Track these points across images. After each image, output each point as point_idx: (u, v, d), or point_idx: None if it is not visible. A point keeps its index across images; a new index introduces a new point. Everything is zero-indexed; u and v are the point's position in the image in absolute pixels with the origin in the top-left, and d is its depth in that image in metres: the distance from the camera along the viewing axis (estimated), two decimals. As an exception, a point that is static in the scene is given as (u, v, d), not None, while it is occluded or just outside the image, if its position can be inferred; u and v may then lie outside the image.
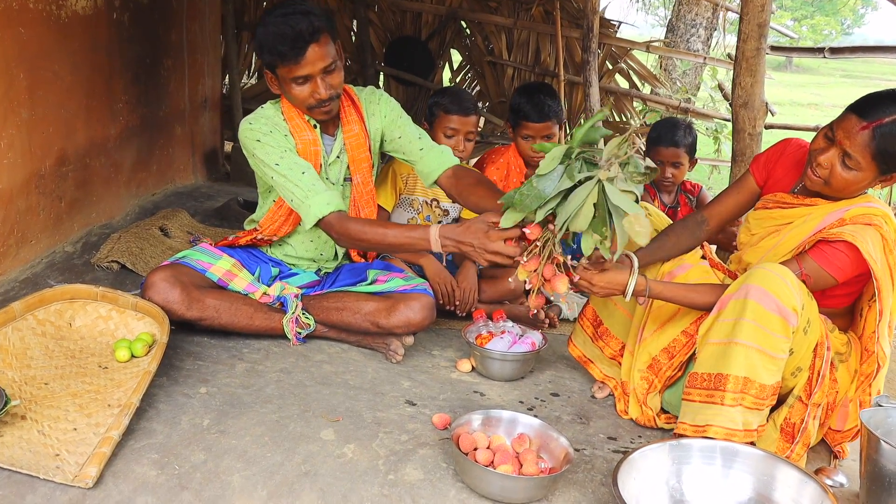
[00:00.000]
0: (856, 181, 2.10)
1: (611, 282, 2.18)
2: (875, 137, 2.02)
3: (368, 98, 2.65)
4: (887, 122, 2.01)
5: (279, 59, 2.35)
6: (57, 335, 2.34)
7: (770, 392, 2.05)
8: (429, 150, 2.60)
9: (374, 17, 6.65)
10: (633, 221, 1.84)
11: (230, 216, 4.06)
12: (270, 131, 2.44)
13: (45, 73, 3.00)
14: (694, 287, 2.25)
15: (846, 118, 2.08)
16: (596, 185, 1.86)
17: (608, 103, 6.17)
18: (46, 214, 3.10)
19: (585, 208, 1.86)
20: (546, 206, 1.92)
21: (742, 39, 3.10)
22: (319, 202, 2.34)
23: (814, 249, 2.15)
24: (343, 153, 2.61)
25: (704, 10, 8.83)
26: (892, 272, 2.12)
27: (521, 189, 1.93)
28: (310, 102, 2.42)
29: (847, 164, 2.08)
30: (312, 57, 2.34)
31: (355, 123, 2.60)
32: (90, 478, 1.69)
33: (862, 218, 2.11)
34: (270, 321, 2.55)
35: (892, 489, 1.82)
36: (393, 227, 2.35)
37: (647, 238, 1.86)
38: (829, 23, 31.33)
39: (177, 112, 4.47)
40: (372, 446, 2.01)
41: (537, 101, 3.22)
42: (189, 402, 2.13)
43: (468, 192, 2.49)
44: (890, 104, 2.02)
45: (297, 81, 2.38)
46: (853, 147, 2.05)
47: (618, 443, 2.23)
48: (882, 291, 2.10)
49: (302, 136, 2.50)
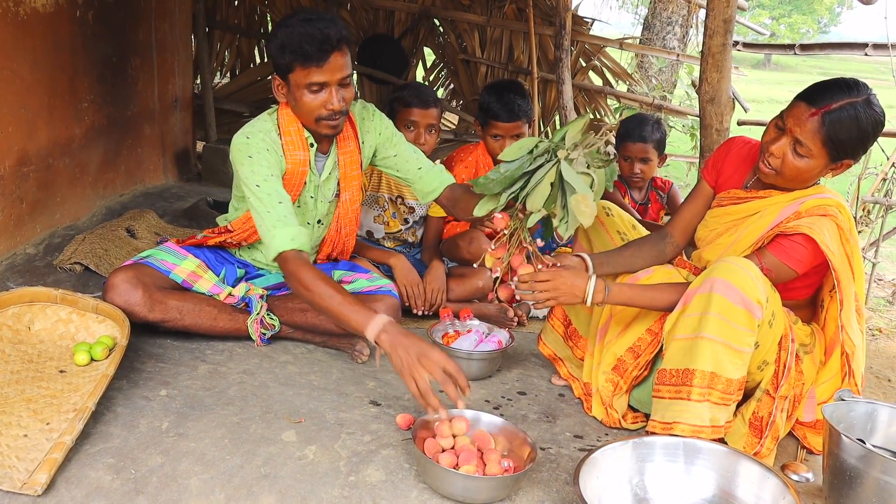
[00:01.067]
0: (808, 169, 2.11)
1: (571, 283, 2.18)
2: (824, 123, 2.04)
3: (361, 114, 2.61)
4: (835, 107, 2.03)
5: (301, 61, 2.27)
6: (14, 339, 2.30)
7: (736, 386, 2.05)
8: (428, 171, 2.59)
9: (346, 15, 6.61)
10: (580, 201, 1.88)
11: (199, 216, 4.01)
12: (267, 149, 2.37)
13: (4, 71, 2.94)
14: (656, 287, 2.25)
15: (796, 106, 2.10)
16: (554, 165, 1.90)
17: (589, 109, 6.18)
18: (6, 216, 3.05)
19: (542, 186, 1.90)
20: (510, 189, 1.96)
21: (708, 35, 3.10)
22: (284, 235, 2.26)
23: (772, 244, 2.16)
24: (335, 170, 2.57)
25: (680, 8, 8.87)
26: (851, 261, 2.14)
27: (488, 174, 2.00)
28: (320, 113, 2.34)
29: (798, 151, 2.09)
30: (335, 64, 2.28)
31: (350, 140, 2.56)
32: (40, 485, 1.65)
33: (817, 209, 2.13)
34: (235, 322, 2.52)
35: (853, 483, 1.82)
36: (342, 292, 2.15)
37: (590, 220, 1.90)
38: (806, 21, 31.67)
39: (146, 112, 4.41)
40: (334, 447, 1.99)
41: (507, 100, 3.18)
42: (148, 405, 2.09)
43: (460, 202, 2.52)
44: (837, 91, 2.05)
45: (311, 88, 2.31)
46: (803, 134, 2.07)
47: (584, 441, 2.22)
48: (841, 282, 2.12)
49: (294, 156, 2.43)
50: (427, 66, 6.95)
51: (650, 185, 3.70)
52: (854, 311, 2.18)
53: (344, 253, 2.76)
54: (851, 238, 2.14)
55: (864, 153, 2.15)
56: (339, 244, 2.72)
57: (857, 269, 2.18)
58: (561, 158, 1.89)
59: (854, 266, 2.16)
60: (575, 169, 1.89)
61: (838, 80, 2.09)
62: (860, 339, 2.19)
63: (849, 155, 2.10)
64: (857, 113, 2.03)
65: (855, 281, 2.17)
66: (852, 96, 2.04)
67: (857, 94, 2.04)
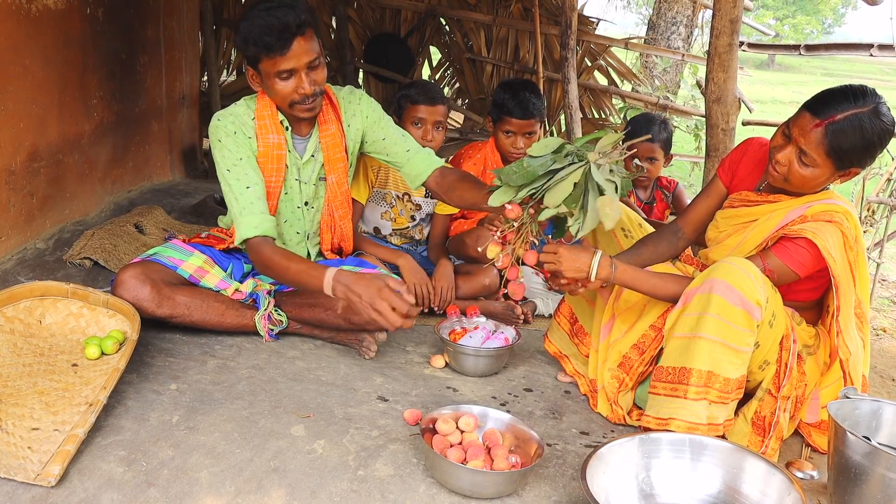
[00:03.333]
0: (813, 177, 2.13)
1: (575, 259, 2.17)
2: (828, 135, 2.04)
3: (347, 98, 2.63)
4: (839, 118, 2.03)
5: (265, 52, 2.32)
6: (26, 332, 2.32)
7: (735, 385, 2.06)
8: (416, 153, 2.60)
9: (353, 13, 6.63)
10: (607, 203, 1.90)
11: (206, 213, 4.03)
12: (234, 132, 2.43)
13: (15, 67, 2.97)
14: (661, 275, 2.26)
15: (801, 116, 2.10)
16: (583, 166, 1.92)
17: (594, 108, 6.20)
18: (17, 211, 3.07)
19: (564, 184, 1.92)
20: (531, 185, 1.98)
21: (715, 35, 3.11)
22: (248, 223, 2.38)
23: (776, 246, 2.17)
24: (318, 152, 2.60)
25: (685, 8, 8.87)
26: (852, 268, 2.15)
27: (512, 166, 2.01)
28: (293, 98, 2.40)
29: (804, 161, 2.10)
30: (298, 50, 2.32)
31: (332, 123, 2.58)
32: (53, 476, 1.67)
33: (823, 215, 2.14)
34: (242, 318, 2.54)
35: (857, 479, 1.83)
36: (297, 261, 2.34)
37: (613, 222, 1.92)
38: (810, 22, 31.60)
39: (154, 108, 4.43)
40: (342, 442, 2.00)
41: (522, 98, 3.24)
42: (158, 399, 2.11)
43: (453, 188, 2.52)
44: (842, 101, 2.04)
45: (281, 76, 2.36)
46: (808, 145, 2.07)
47: (590, 437, 2.23)
48: (840, 288, 2.13)
49: (266, 139, 2.48)
50: (433, 64, 6.97)
51: (655, 184, 3.72)
52: (852, 318, 2.18)
53: (345, 239, 2.77)
54: (856, 245, 2.15)
55: (871, 161, 2.13)
56: (337, 229, 2.74)
57: (861, 276, 2.19)
58: (591, 161, 1.91)
59: (857, 273, 2.17)
60: (602, 174, 1.92)
61: (845, 88, 2.08)
62: (857, 346, 2.20)
63: (855, 164, 2.10)
64: (862, 124, 2.02)
65: (858, 288, 2.18)
66: (858, 106, 2.03)
67: (863, 103, 2.03)
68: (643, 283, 2.24)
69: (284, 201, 2.59)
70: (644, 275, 2.25)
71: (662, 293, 2.22)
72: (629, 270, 2.23)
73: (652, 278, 2.24)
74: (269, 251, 2.37)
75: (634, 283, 2.24)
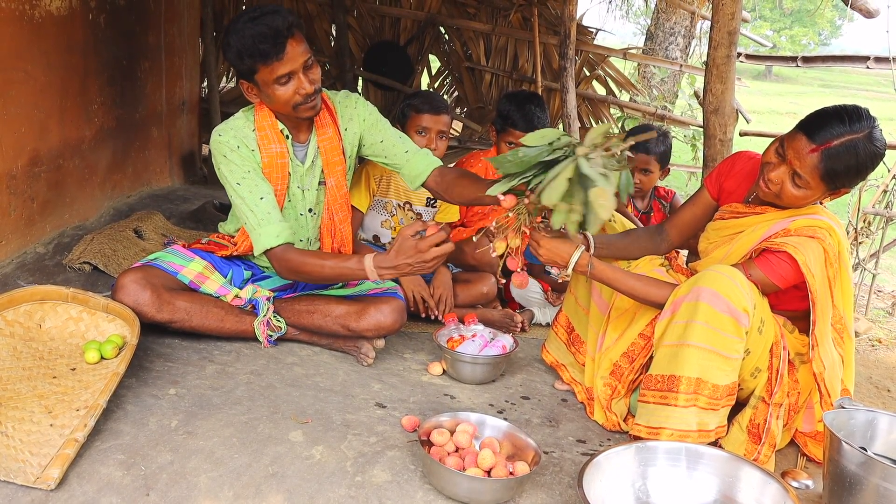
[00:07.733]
0: (805, 197, 2.16)
1: (556, 248, 2.24)
2: (823, 160, 2.06)
3: (343, 102, 2.65)
4: (835, 144, 2.04)
5: (261, 60, 2.32)
6: (26, 336, 2.32)
7: (725, 392, 2.08)
8: (414, 154, 2.62)
9: (353, 22, 6.66)
10: (599, 194, 1.91)
11: (205, 219, 4.05)
12: (238, 146, 2.44)
13: (18, 72, 2.98)
14: (640, 277, 2.29)
15: (796, 138, 2.11)
16: (573, 161, 1.93)
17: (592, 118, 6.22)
18: (18, 215, 3.08)
19: (558, 181, 1.93)
20: (523, 174, 2.01)
21: (713, 47, 3.14)
22: (269, 233, 2.39)
23: (759, 257, 2.20)
24: (317, 157, 2.61)
25: (682, 19, 8.93)
26: (832, 284, 2.17)
27: (507, 154, 2.04)
28: (296, 100, 2.39)
29: (797, 182, 2.13)
30: (293, 52, 2.33)
31: (329, 126, 2.60)
32: (52, 479, 1.68)
33: (807, 230, 2.16)
34: (241, 324, 2.55)
35: (852, 489, 1.84)
36: (330, 257, 2.39)
37: (609, 213, 1.93)
38: (807, 34, 31.75)
39: (153, 114, 4.45)
40: (340, 448, 2.01)
41: (527, 111, 3.28)
42: (157, 404, 2.12)
43: (453, 185, 2.56)
44: (839, 125, 2.05)
45: (280, 81, 2.36)
46: (803, 168, 2.10)
47: (587, 445, 2.24)
48: (816, 304, 2.15)
49: (269, 149, 2.48)
50: (432, 73, 7.00)
51: (653, 194, 3.74)
52: (828, 332, 2.20)
53: (344, 243, 2.78)
54: (837, 262, 2.17)
55: (861, 181, 2.17)
56: (337, 232, 2.74)
57: (843, 291, 2.21)
58: (579, 155, 1.92)
59: (836, 289, 2.19)
60: (592, 167, 1.92)
61: (840, 110, 2.08)
62: (833, 360, 2.21)
63: (846, 185, 2.13)
64: (857, 150, 2.04)
65: (837, 305, 2.20)
66: (854, 132, 2.04)
67: (858, 128, 2.04)
68: (621, 283, 2.28)
69: (288, 209, 2.60)
70: (622, 274, 2.29)
71: (643, 295, 2.25)
72: (608, 269, 2.28)
73: (630, 279, 2.28)
74: (297, 255, 2.39)
75: (613, 281, 2.29)
